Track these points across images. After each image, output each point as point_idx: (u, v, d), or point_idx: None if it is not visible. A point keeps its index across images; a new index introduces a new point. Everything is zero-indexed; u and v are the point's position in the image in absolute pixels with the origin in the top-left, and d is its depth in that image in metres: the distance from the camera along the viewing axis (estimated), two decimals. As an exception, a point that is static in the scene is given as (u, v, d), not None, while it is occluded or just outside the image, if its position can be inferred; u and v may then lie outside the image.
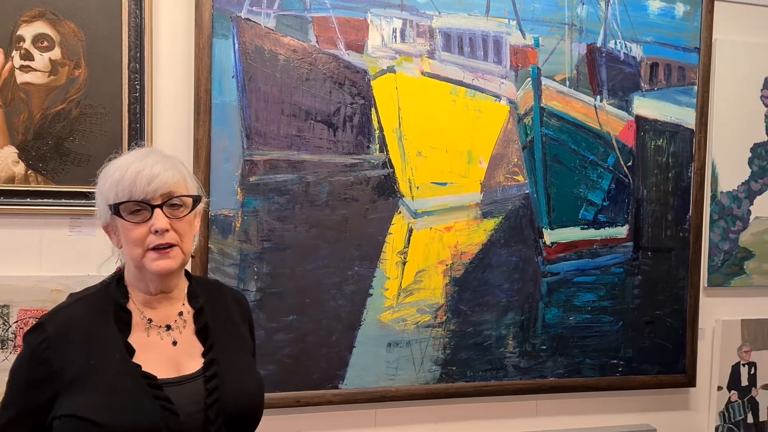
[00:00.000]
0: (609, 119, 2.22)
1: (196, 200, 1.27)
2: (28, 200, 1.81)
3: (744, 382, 2.45)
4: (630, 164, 2.25)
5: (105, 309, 1.25)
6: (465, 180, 2.10)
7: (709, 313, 2.40)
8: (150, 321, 1.27)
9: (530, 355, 2.19)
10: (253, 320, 1.49)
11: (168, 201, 1.22)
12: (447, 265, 2.10)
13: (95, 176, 1.27)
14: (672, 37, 2.27)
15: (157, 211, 1.20)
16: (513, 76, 2.13)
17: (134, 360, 1.21)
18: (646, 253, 2.28)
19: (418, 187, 2.06)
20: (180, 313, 1.30)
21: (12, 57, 1.78)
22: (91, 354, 1.19)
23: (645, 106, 2.26)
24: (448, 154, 2.08)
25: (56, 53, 1.80)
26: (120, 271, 1.31)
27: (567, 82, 2.18)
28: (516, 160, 2.14)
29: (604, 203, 2.23)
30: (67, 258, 1.84)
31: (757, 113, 2.42)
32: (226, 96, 1.90)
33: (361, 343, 2.03)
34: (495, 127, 2.12)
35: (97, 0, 1.82)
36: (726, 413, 2.44)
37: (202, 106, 1.88)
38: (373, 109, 2.02)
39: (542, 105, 2.16)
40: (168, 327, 1.28)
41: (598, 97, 2.21)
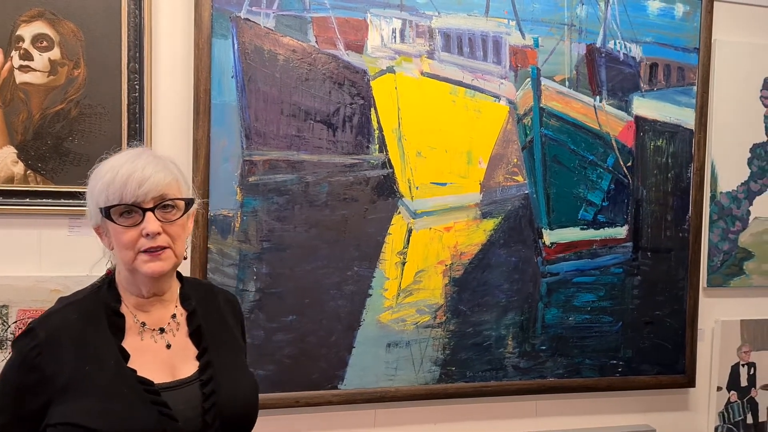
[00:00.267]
0: (608, 120, 2.22)
1: (189, 203, 1.25)
2: (27, 200, 1.80)
3: (743, 383, 2.45)
4: (629, 164, 2.25)
5: (97, 313, 1.22)
6: (464, 180, 2.10)
7: (709, 314, 2.40)
8: (143, 324, 1.25)
9: (530, 356, 2.18)
10: (251, 321, 1.48)
11: (160, 204, 1.20)
12: (446, 266, 2.10)
13: (88, 177, 1.25)
14: (671, 38, 2.27)
15: (149, 215, 1.18)
16: (512, 77, 2.13)
17: (129, 365, 1.19)
18: (646, 254, 2.28)
19: (418, 188, 2.06)
20: (173, 316, 1.29)
21: (11, 57, 1.78)
22: (85, 360, 1.17)
23: (644, 107, 2.26)
24: (448, 155, 2.08)
25: (55, 53, 1.80)
26: (111, 273, 1.29)
27: (566, 83, 2.18)
28: (515, 161, 2.14)
29: (604, 203, 2.23)
30: (66, 258, 1.84)
31: (757, 114, 2.42)
32: (226, 96, 1.90)
33: (361, 344, 2.03)
34: (494, 128, 2.12)
35: (97, 0, 1.82)
36: (725, 414, 2.44)
37: (202, 106, 1.87)
38: (373, 110, 2.02)
39: (542, 105, 2.16)
40: (161, 330, 1.26)
41: (598, 98, 2.21)
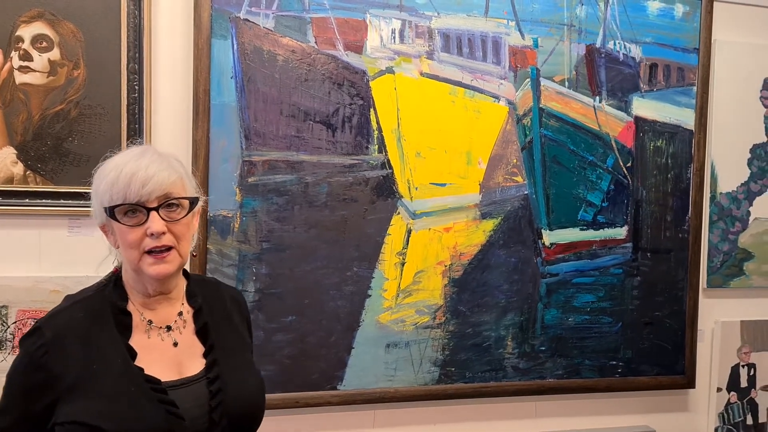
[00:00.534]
0: (608, 120, 2.22)
1: (194, 201, 1.25)
2: (27, 201, 1.81)
3: (743, 384, 2.45)
4: (629, 165, 2.25)
5: (103, 311, 1.22)
6: (464, 181, 2.10)
7: (709, 315, 2.40)
8: (150, 322, 1.25)
9: (529, 356, 2.18)
10: (252, 320, 1.48)
11: (164, 203, 1.19)
12: (446, 266, 2.10)
13: (92, 176, 1.26)
14: (671, 38, 2.27)
15: (153, 214, 1.18)
16: (512, 77, 2.13)
17: (136, 363, 1.19)
18: (646, 254, 2.27)
19: (417, 188, 2.06)
20: (180, 313, 1.29)
21: (11, 57, 1.78)
22: (92, 358, 1.17)
23: (644, 107, 2.26)
24: (447, 155, 2.08)
25: (55, 54, 1.80)
26: (117, 271, 1.29)
27: (566, 83, 2.18)
28: (515, 161, 2.14)
29: (603, 204, 2.23)
30: (66, 258, 1.84)
31: (757, 114, 2.42)
32: (225, 96, 1.90)
33: (360, 344, 2.03)
34: (494, 128, 2.12)
35: (96, 1, 1.82)
36: (725, 414, 2.44)
37: (201, 107, 1.88)
38: (372, 110, 2.02)
39: (541, 106, 2.16)
40: (168, 328, 1.26)
41: (597, 98, 2.21)
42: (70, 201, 1.82)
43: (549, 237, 2.18)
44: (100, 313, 1.22)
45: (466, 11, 2.08)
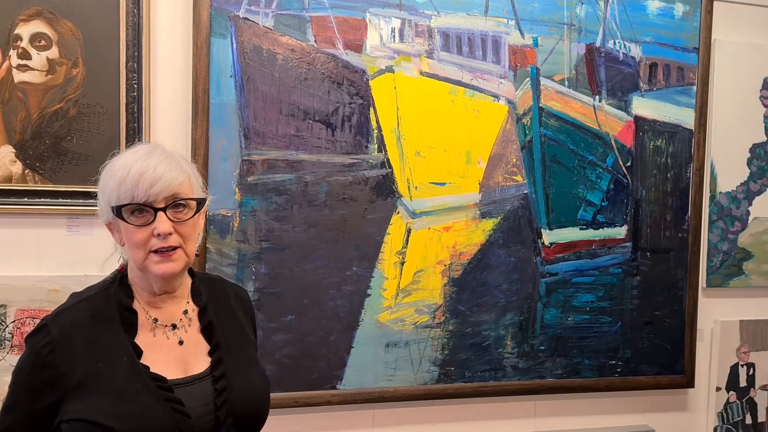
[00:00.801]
0: (608, 119, 2.22)
1: (201, 202, 1.25)
2: (26, 200, 1.80)
3: (742, 383, 2.45)
4: (629, 164, 2.25)
5: (109, 309, 1.23)
6: (463, 180, 2.10)
7: (708, 314, 2.40)
8: (156, 321, 1.25)
9: (529, 356, 2.18)
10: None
11: (171, 203, 1.19)
12: (445, 266, 2.09)
13: (93, 176, 1.24)
14: (671, 38, 2.27)
15: (160, 215, 1.18)
16: (512, 76, 2.13)
17: (142, 361, 1.19)
18: (645, 254, 2.27)
19: (417, 187, 2.06)
20: (185, 312, 1.29)
21: (9, 56, 1.77)
22: (98, 356, 1.17)
23: (644, 107, 2.25)
24: (447, 154, 2.08)
25: (54, 52, 1.80)
26: (123, 269, 1.29)
27: (566, 82, 2.18)
28: (515, 161, 2.14)
29: (603, 203, 2.23)
30: (65, 258, 1.84)
31: (756, 114, 2.42)
32: (224, 95, 1.90)
33: (360, 344, 2.03)
34: (494, 127, 2.12)
35: (95, -1, 1.82)
36: (724, 414, 2.44)
37: (200, 106, 1.87)
38: (372, 109, 2.01)
39: (541, 105, 2.15)
40: (174, 326, 1.27)
41: (597, 98, 2.20)
42: (69, 200, 1.82)
43: (548, 236, 2.18)
44: (106, 311, 1.22)
45: (466, 10, 2.08)
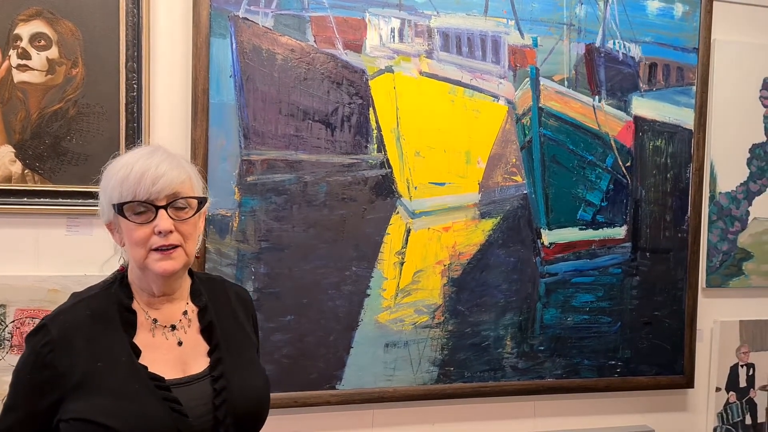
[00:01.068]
0: (607, 119, 2.22)
1: (201, 202, 1.25)
2: (25, 200, 1.80)
3: (742, 383, 2.45)
4: (628, 165, 2.25)
5: (109, 310, 1.23)
6: (463, 180, 2.10)
7: (708, 314, 2.40)
8: (155, 321, 1.26)
9: (528, 356, 2.18)
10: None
11: (173, 202, 1.20)
12: (445, 266, 2.09)
13: (93, 176, 1.26)
14: (671, 38, 2.27)
15: (161, 213, 1.19)
16: (511, 76, 2.13)
17: (140, 361, 1.20)
18: (645, 254, 2.27)
19: (416, 188, 2.06)
20: (184, 312, 1.29)
21: (9, 56, 1.77)
22: (97, 356, 1.18)
23: (643, 107, 2.25)
24: (446, 155, 2.08)
25: (53, 52, 1.80)
26: (123, 270, 1.30)
27: (565, 83, 2.18)
28: (514, 161, 2.14)
29: (603, 204, 2.23)
30: (64, 258, 1.84)
31: (756, 114, 2.42)
32: (224, 95, 1.90)
33: (359, 344, 2.03)
34: (493, 128, 2.12)
35: (95, -1, 1.82)
36: (724, 414, 2.44)
37: (200, 106, 1.87)
38: (371, 109, 2.01)
39: (540, 105, 2.15)
40: (173, 327, 1.27)
41: (597, 98, 2.20)
42: (69, 200, 1.82)
43: (548, 236, 2.18)
44: (106, 311, 1.23)
45: (466, 10, 2.08)
